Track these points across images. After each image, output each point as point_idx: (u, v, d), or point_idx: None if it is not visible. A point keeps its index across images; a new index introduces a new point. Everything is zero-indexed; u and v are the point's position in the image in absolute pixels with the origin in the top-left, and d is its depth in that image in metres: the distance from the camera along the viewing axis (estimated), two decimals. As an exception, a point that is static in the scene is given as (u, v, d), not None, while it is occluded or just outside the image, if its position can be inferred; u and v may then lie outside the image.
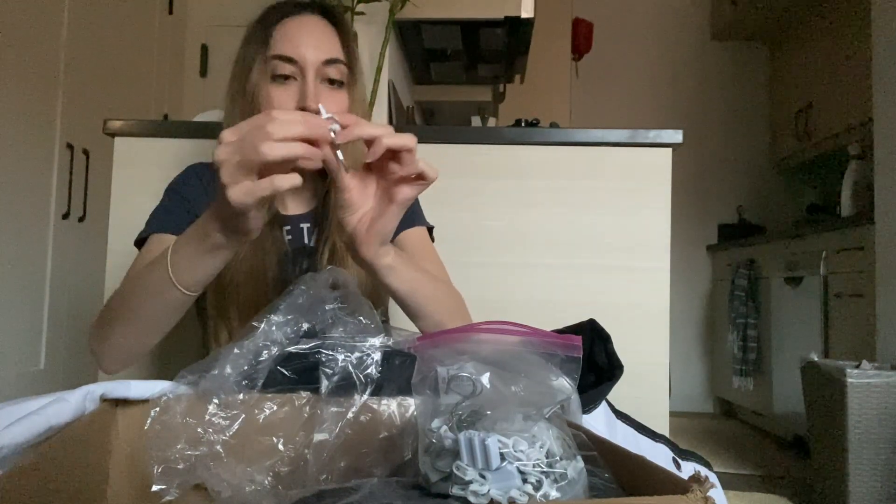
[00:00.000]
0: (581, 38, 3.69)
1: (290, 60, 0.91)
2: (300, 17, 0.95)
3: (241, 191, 0.59)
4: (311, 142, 0.61)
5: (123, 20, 2.74)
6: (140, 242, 0.96)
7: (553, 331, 0.76)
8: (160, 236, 0.93)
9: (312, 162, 0.62)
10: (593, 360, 0.74)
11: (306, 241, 1.00)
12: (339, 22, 0.97)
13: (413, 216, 1.08)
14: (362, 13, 1.72)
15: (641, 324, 1.31)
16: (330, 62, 0.93)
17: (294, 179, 0.59)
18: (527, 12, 2.20)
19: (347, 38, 0.97)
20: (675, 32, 4.24)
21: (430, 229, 1.10)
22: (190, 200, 0.98)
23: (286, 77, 0.92)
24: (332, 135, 0.64)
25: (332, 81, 0.94)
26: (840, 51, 3.33)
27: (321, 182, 1.03)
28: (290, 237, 0.99)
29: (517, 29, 2.35)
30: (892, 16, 2.39)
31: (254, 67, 0.92)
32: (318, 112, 0.69)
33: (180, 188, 1.01)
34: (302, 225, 1.01)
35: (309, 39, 0.93)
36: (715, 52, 4.22)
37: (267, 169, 0.59)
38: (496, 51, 2.58)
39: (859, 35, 3.08)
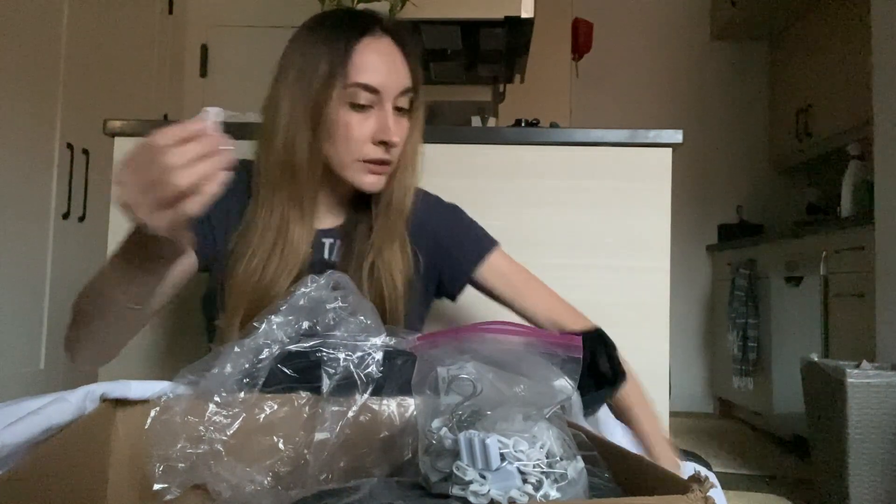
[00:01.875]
0: (581, 38, 3.68)
1: (373, 91, 0.90)
2: (378, 41, 0.93)
3: (164, 224, 0.58)
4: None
5: (123, 20, 2.74)
6: None
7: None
8: None
9: (220, 176, 0.58)
10: (597, 368, 0.74)
11: (326, 255, 0.98)
12: (407, 45, 0.96)
13: (481, 242, 1.05)
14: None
15: (641, 324, 1.31)
16: (404, 92, 0.93)
17: (202, 199, 0.57)
18: (527, 12, 2.19)
19: (416, 63, 0.96)
20: (675, 32, 4.24)
21: (496, 245, 1.07)
22: (225, 202, 0.94)
23: (363, 106, 0.91)
24: (221, 132, 0.59)
25: (399, 109, 0.94)
26: (840, 51, 3.33)
27: (350, 195, 1.00)
28: (310, 250, 0.96)
29: (517, 29, 2.35)
30: (892, 16, 2.39)
31: (332, 88, 0.89)
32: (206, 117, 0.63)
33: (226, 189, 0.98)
34: (324, 239, 0.99)
35: (390, 68, 0.92)
36: (715, 52, 4.22)
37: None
38: (496, 51, 2.58)
39: (859, 35, 3.08)
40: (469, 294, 1.27)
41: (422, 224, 1.02)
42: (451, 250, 1.04)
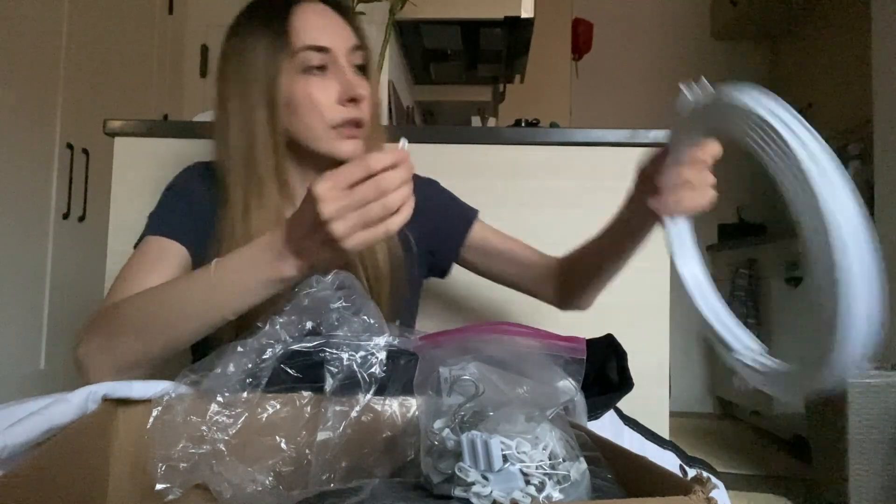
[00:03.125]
0: (581, 38, 3.68)
1: (322, 50, 0.86)
2: (311, 5, 0.89)
3: (358, 241, 0.62)
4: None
5: (123, 20, 2.74)
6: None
7: None
8: (159, 239, 0.89)
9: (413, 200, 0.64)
10: (606, 375, 0.73)
11: None
12: (340, 5, 0.93)
13: (467, 213, 1.05)
14: (362, 13, 1.71)
15: (641, 324, 1.31)
16: (355, 48, 0.90)
17: (406, 215, 0.62)
18: (527, 12, 2.19)
19: (355, 21, 0.93)
20: (675, 32, 4.24)
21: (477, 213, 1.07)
22: (192, 202, 0.92)
23: (321, 68, 0.87)
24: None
25: (358, 68, 0.90)
26: (840, 51, 3.33)
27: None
28: None
29: (517, 29, 2.35)
30: (892, 16, 2.39)
31: (279, 61, 0.85)
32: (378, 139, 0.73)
33: (183, 189, 0.96)
34: None
35: (332, 26, 0.89)
36: (715, 52, 4.22)
37: None
38: (496, 51, 2.58)
39: (859, 35, 3.08)
40: (467, 292, 1.27)
41: None
42: (439, 224, 1.03)
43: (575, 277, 1.00)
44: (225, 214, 0.87)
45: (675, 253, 0.75)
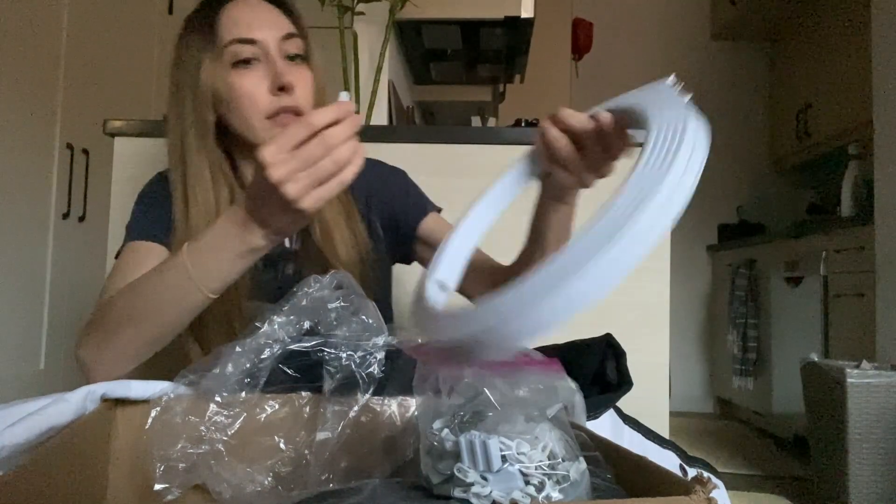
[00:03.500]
0: (581, 38, 3.68)
1: (249, 42, 0.86)
2: (237, 2, 0.90)
3: (314, 200, 0.61)
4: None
5: (123, 20, 2.73)
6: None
7: (568, 343, 0.77)
8: (139, 243, 0.91)
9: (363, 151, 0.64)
10: (605, 374, 0.73)
11: (287, 244, 0.96)
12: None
13: (424, 203, 1.04)
14: (362, 13, 1.72)
15: (641, 324, 1.31)
16: (288, 37, 0.89)
17: (357, 165, 0.61)
18: (527, 12, 2.19)
19: (290, 10, 0.93)
20: (675, 32, 4.24)
21: (439, 211, 1.06)
22: (165, 208, 0.93)
23: (248, 61, 0.87)
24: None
25: (292, 57, 0.90)
26: (840, 51, 3.33)
27: None
28: None
29: (517, 29, 2.35)
30: (892, 16, 2.39)
31: (203, 63, 0.87)
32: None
33: (151, 198, 0.98)
34: None
35: (261, 17, 0.89)
36: (715, 52, 4.22)
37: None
38: (496, 51, 2.58)
39: (859, 35, 3.08)
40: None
41: (371, 192, 1.00)
42: (397, 210, 1.03)
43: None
44: (177, 218, 0.89)
45: (494, 186, 0.75)
